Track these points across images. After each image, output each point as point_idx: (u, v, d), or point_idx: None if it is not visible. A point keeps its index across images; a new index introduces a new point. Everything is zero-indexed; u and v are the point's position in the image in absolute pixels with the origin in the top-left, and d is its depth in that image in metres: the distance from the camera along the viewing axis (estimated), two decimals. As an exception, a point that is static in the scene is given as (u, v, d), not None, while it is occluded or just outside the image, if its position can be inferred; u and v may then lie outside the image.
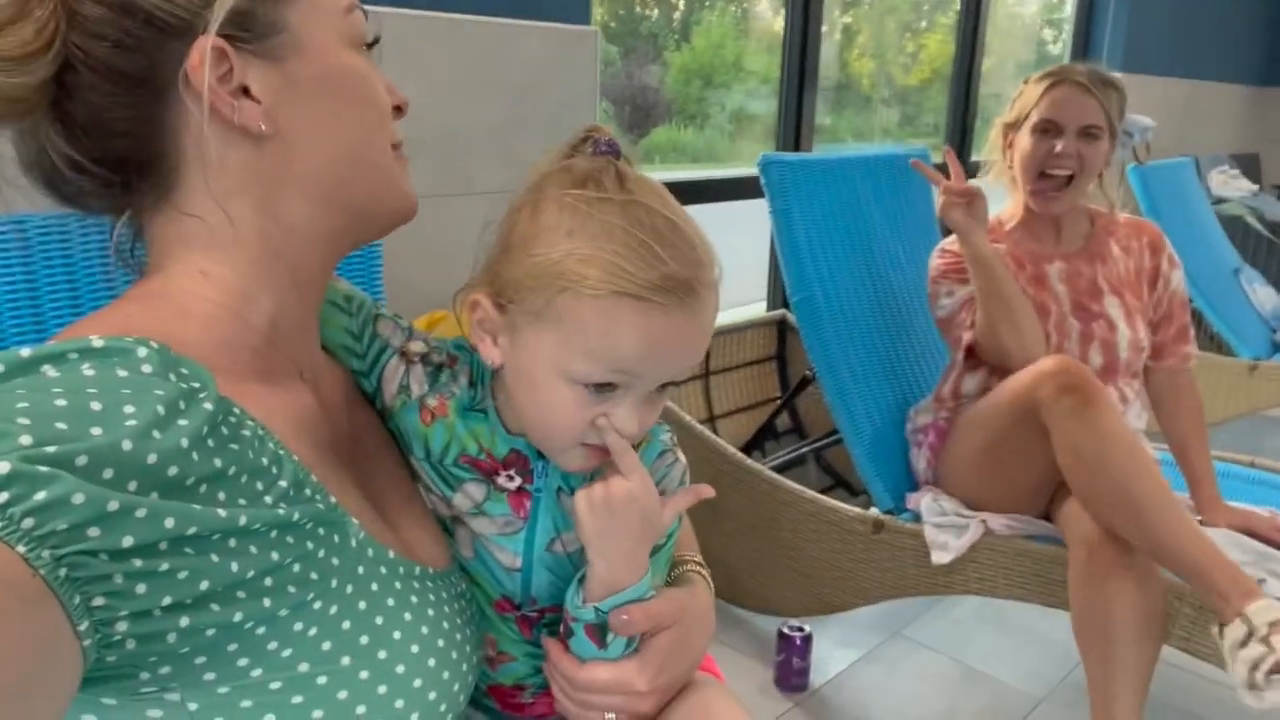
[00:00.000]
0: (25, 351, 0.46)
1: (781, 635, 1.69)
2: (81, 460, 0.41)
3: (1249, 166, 4.09)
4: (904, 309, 1.86)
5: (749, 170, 1.84)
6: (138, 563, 0.42)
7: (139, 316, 0.55)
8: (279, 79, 0.57)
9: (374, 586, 0.56)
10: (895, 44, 4.24)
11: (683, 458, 0.74)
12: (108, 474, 0.42)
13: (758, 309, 2.62)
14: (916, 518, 1.58)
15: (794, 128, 2.52)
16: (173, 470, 0.45)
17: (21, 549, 0.38)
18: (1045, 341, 1.53)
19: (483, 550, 0.69)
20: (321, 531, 0.53)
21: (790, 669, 1.68)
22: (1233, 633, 1.16)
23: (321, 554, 0.53)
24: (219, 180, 0.57)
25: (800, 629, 1.70)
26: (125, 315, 0.56)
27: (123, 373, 0.47)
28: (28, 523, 0.38)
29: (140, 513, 0.42)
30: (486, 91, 1.63)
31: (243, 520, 0.47)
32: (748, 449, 2.22)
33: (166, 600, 0.43)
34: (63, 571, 0.39)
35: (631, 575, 0.65)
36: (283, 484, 0.52)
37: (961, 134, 3.28)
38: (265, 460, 0.51)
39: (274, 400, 0.57)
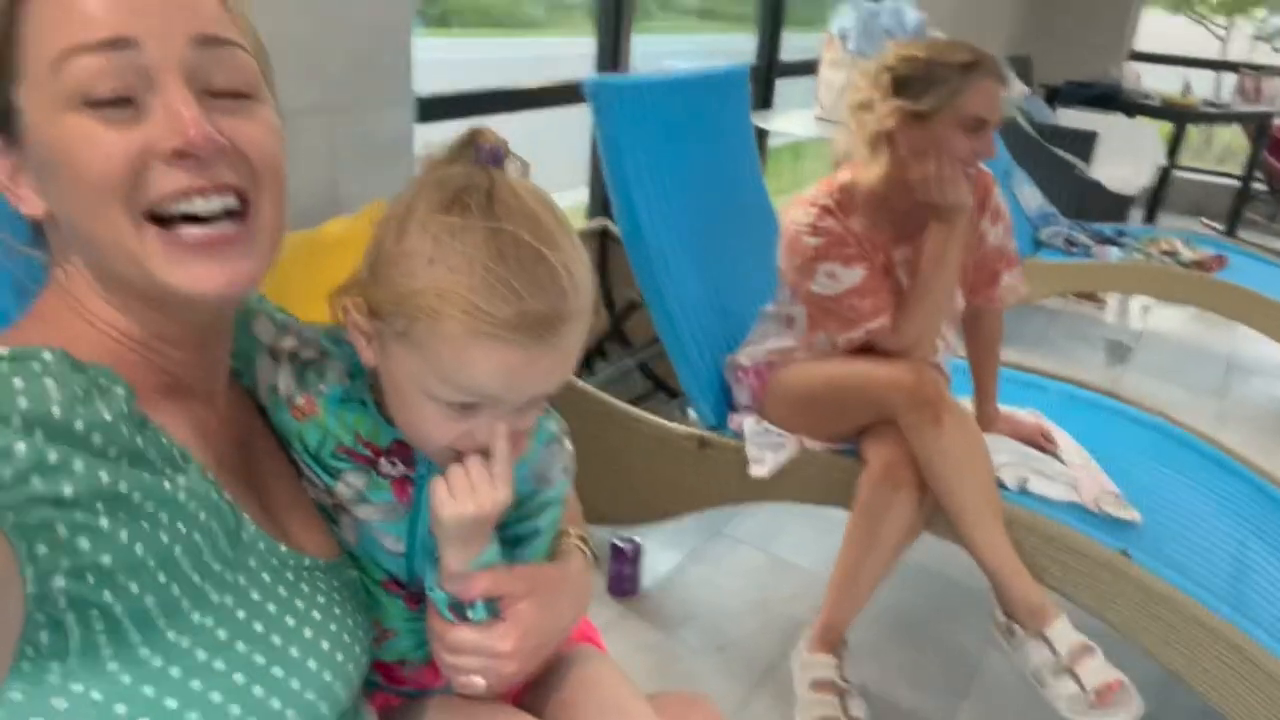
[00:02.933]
0: None
1: (613, 546, 1.80)
2: (16, 421, 0.45)
3: (1022, 69, 4.42)
4: (727, 237, 1.93)
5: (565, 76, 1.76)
6: (79, 515, 0.46)
7: (37, 339, 0.55)
8: (30, 162, 0.57)
9: (266, 577, 0.60)
10: None
11: (569, 445, 0.78)
12: (39, 435, 0.46)
13: (577, 196, 2.61)
14: (737, 435, 1.70)
15: (614, 15, 2.44)
16: (98, 438, 0.49)
17: None
18: None
19: (367, 536, 0.72)
20: (215, 525, 0.57)
21: (622, 577, 1.81)
22: (1037, 651, 1.37)
23: (223, 544, 0.57)
24: (53, 242, 0.61)
25: (631, 540, 1.81)
26: (22, 336, 0.59)
27: (37, 367, 0.49)
28: None
29: (78, 465, 0.47)
30: None
31: (167, 487, 0.53)
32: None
33: (106, 559, 0.47)
34: (10, 516, 0.43)
35: (478, 552, 0.69)
36: (184, 479, 0.55)
37: (772, 27, 3.28)
38: (175, 454, 0.56)
39: (170, 413, 0.60)
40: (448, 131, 0.67)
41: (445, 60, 2.81)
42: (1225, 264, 2.98)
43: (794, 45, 3.38)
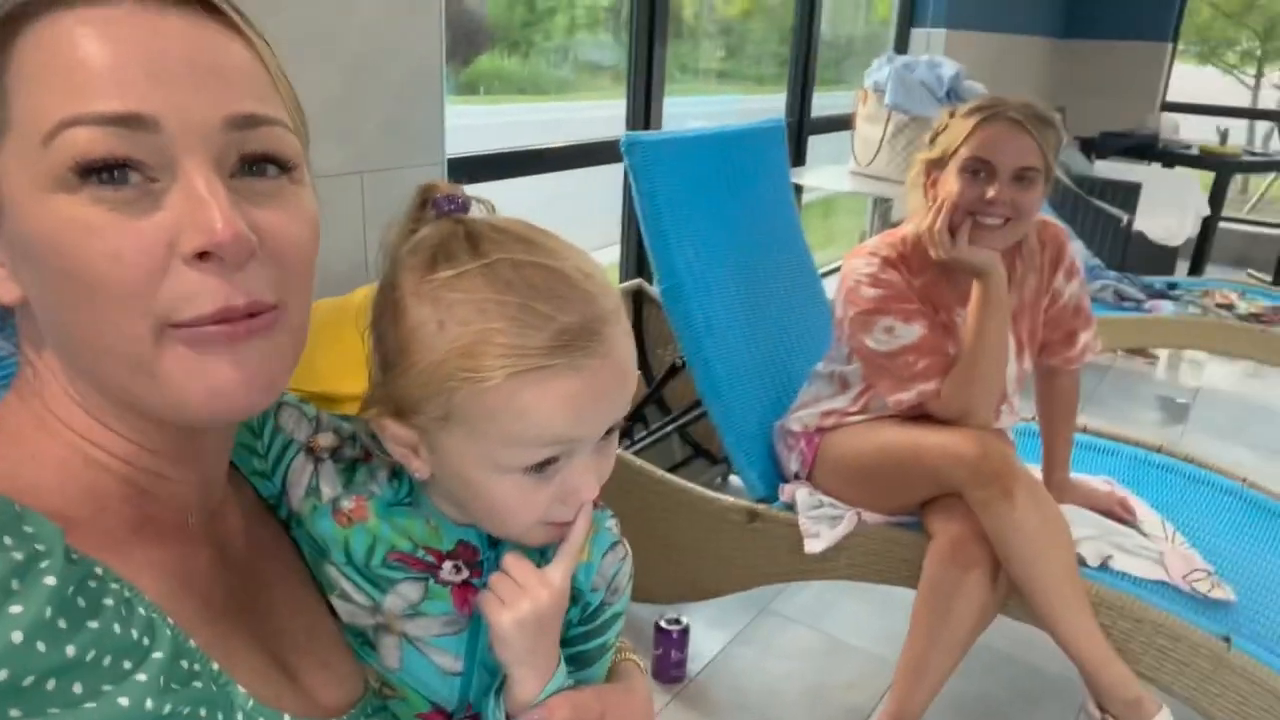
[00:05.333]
0: None
1: (659, 629, 1.68)
2: None
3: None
4: (772, 295, 1.84)
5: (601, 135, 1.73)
6: None
7: None
8: (2, 239, 0.46)
9: None
10: None
11: (628, 546, 0.69)
12: None
13: (609, 255, 2.55)
14: (789, 506, 1.59)
15: (645, 77, 2.41)
16: (2, 674, 0.37)
17: None
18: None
19: (414, 657, 0.62)
20: (203, 713, 0.45)
21: (669, 661, 1.68)
22: None
23: None
24: (22, 331, 0.51)
25: (677, 621, 1.69)
26: None
27: None
28: None
29: None
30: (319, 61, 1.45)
31: (122, 704, 0.41)
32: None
33: None
34: None
35: (549, 675, 0.61)
36: (157, 656, 0.44)
37: (802, 85, 3.27)
38: (135, 632, 0.44)
39: (149, 555, 0.49)
40: (480, 193, 0.61)
41: (472, 126, 2.80)
42: (1285, 316, 2.85)
43: (818, 103, 3.36)
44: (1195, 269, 4.43)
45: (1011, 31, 4.50)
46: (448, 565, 0.61)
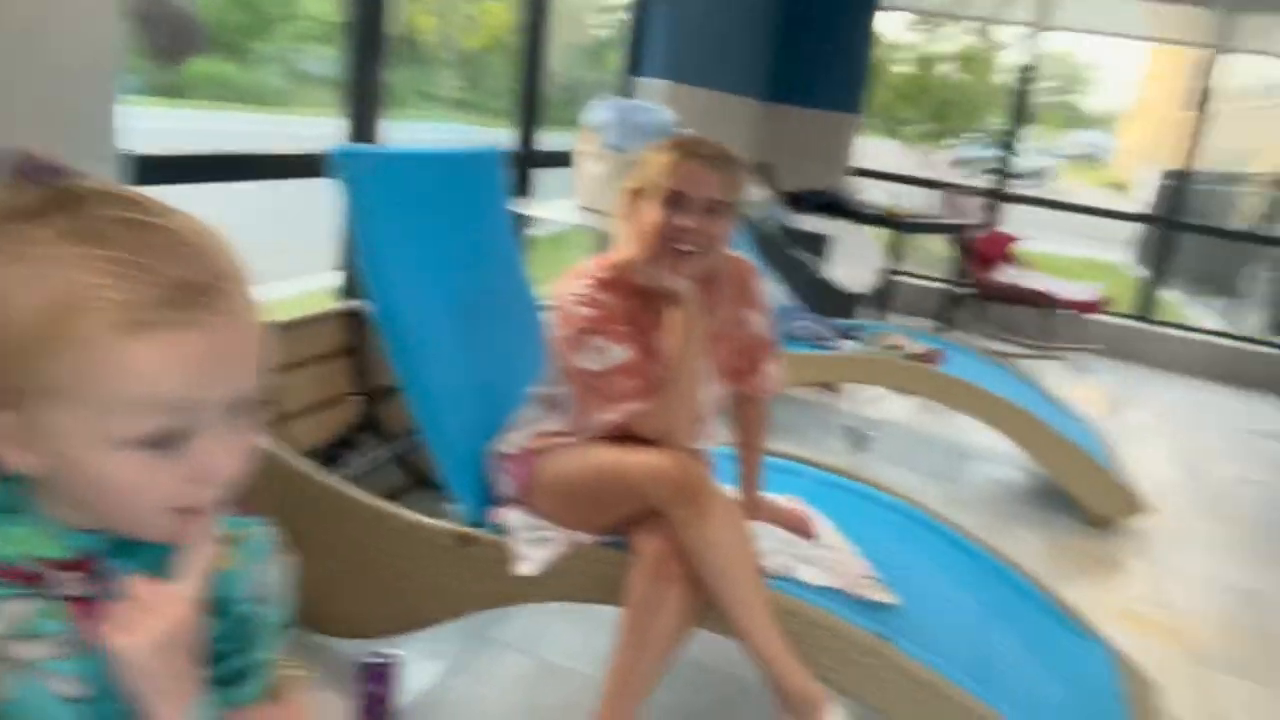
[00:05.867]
0: None
1: (365, 665, 1.59)
2: None
3: (766, 175, 4.77)
4: (489, 319, 1.84)
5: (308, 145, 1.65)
6: None
7: None
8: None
9: None
10: (457, 4, 4.19)
11: (284, 553, 0.66)
12: None
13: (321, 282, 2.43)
14: (501, 530, 1.59)
15: (362, 95, 2.34)
16: None
17: None
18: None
19: (27, 689, 0.54)
20: None
21: (376, 699, 1.60)
22: None
23: None
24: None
25: (385, 656, 1.62)
26: None
27: None
28: None
29: None
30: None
31: None
32: (323, 457, 2.06)
33: None
34: None
35: (186, 702, 0.55)
36: None
37: (528, 116, 3.32)
38: None
39: None
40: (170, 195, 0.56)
41: (175, 130, 2.57)
42: (943, 358, 3.29)
43: (556, 141, 3.44)
44: (880, 315, 5.00)
45: (726, 90, 4.88)
46: (65, 576, 0.55)
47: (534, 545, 1.55)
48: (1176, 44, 6.91)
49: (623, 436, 1.53)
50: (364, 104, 2.36)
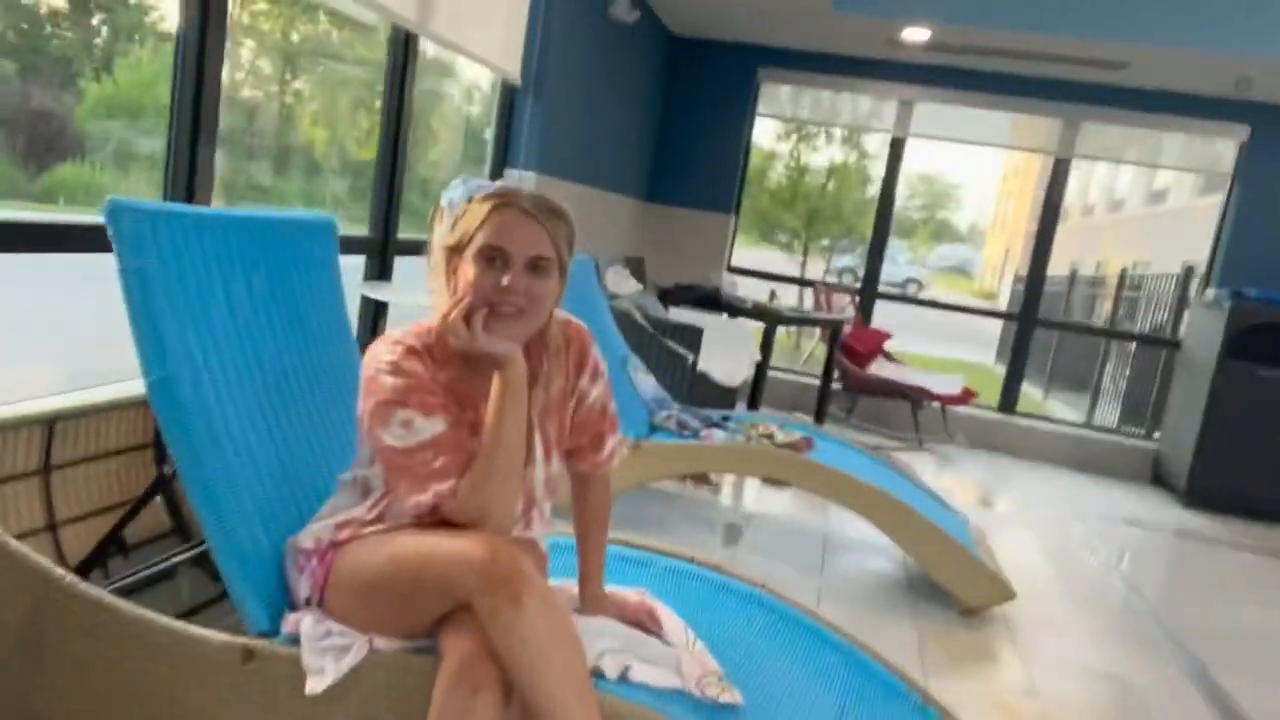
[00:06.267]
0: None
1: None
2: None
3: (636, 269, 4.75)
4: (304, 399, 1.65)
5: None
6: None
7: None
8: None
9: None
10: (349, 118, 4.35)
11: None
12: None
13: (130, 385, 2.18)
14: (293, 639, 1.37)
15: (187, 175, 2.19)
16: None
17: None
18: None
19: None
20: None
21: None
22: None
23: None
24: None
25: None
26: None
27: None
28: None
29: None
30: None
31: None
32: (93, 564, 1.79)
33: None
34: None
35: None
36: None
37: (386, 213, 3.24)
38: None
39: None
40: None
41: None
42: (813, 446, 3.23)
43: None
44: (751, 407, 4.97)
45: (600, 187, 4.89)
46: None
47: (328, 655, 1.33)
48: (1028, 150, 7.40)
49: (435, 523, 1.36)
50: (183, 188, 2.20)
